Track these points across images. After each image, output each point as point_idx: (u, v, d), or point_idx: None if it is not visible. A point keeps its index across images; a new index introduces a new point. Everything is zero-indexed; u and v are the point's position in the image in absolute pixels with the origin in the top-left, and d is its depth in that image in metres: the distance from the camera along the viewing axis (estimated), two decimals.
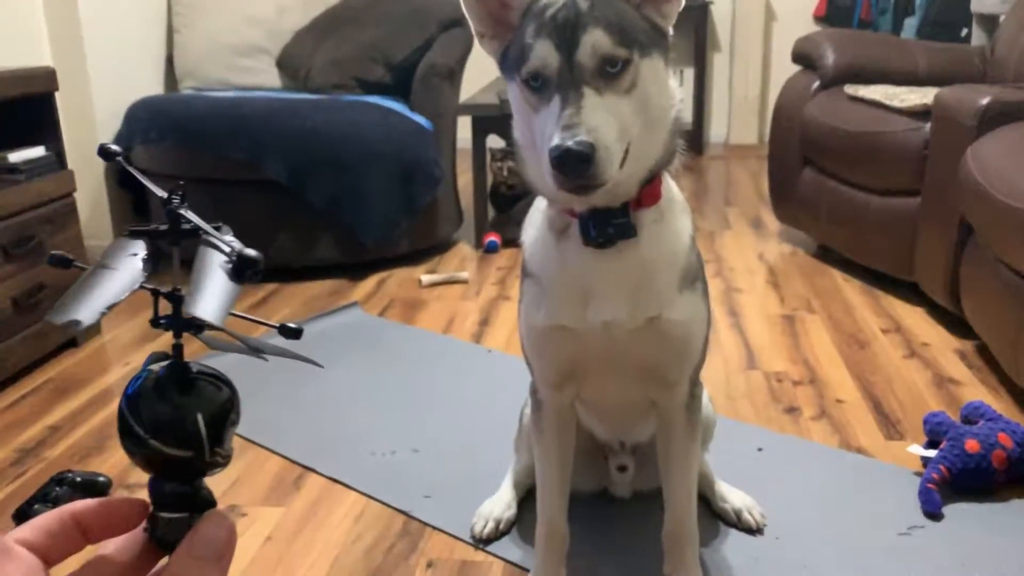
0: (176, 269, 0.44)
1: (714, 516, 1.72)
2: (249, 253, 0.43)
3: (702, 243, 3.47)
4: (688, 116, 5.64)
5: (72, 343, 2.64)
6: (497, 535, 1.68)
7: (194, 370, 0.45)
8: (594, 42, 1.05)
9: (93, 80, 3.34)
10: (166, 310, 0.45)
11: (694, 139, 5.68)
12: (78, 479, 1.74)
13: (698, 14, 5.54)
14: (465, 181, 3.89)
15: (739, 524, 1.68)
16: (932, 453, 1.80)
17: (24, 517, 1.64)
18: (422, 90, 3.50)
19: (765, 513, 1.70)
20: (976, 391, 2.23)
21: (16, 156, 2.48)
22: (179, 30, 3.90)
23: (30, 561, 0.41)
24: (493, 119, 3.40)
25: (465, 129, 3.61)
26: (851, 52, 3.44)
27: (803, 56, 3.60)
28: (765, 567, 1.57)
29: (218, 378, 0.46)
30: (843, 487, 1.82)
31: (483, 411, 2.17)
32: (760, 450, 1.97)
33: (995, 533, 1.64)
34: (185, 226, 0.45)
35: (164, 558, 0.44)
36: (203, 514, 0.44)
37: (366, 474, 1.91)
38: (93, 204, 3.38)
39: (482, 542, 1.67)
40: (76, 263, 0.46)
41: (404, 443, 2.03)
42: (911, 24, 5.19)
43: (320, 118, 3.21)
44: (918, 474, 1.82)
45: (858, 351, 2.52)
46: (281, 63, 3.92)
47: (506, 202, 3.92)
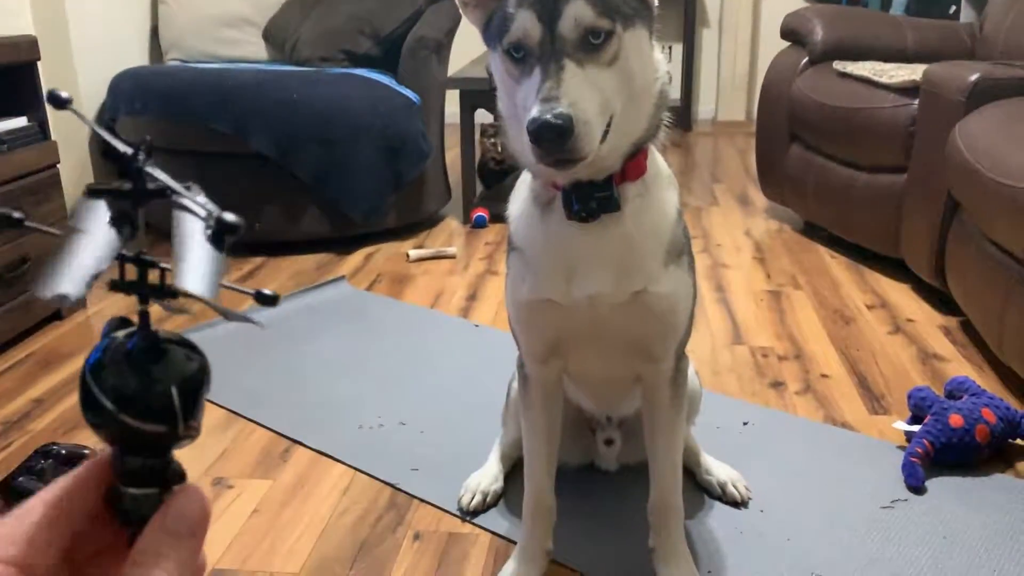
0: (140, 230, 0.40)
1: (699, 489, 1.73)
2: (228, 217, 0.38)
3: (689, 219, 3.48)
4: (676, 92, 5.62)
5: (57, 316, 2.63)
6: (484, 507, 1.68)
7: (162, 337, 0.41)
8: (576, 13, 1.03)
9: (76, 50, 3.30)
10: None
11: (682, 115, 5.66)
12: (63, 452, 1.74)
13: None
14: (453, 156, 3.87)
15: (724, 497, 1.70)
16: (916, 428, 1.82)
17: (8, 490, 1.64)
18: (410, 63, 3.47)
19: (750, 486, 1.71)
20: (960, 367, 2.25)
21: None
22: (164, 1, 3.85)
23: None
24: (482, 93, 3.37)
25: (453, 103, 3.58)
26: (840, 28, 3.43)
27: (792, 32, 3.59)
28: (749, 539, 1.59)
29: (189, 346, 0.42)
30: (827, 461, 1.83)
31: (470, 385, 2.17)
32: (745, 424, 1.98)
33: (977, 507, 1.66)
34: (151, 185, 0.40)
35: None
36: (173, 489, 0.41)
37: (353, 447, 1.91)
38: (78, 176, 3.34)
39: (469, 514, 1.67)
40: (27, 223, 0.41)
41: (391, 416, 2.03)
42: (900, 1, 5.18)
43: (307, 91, 3.18)
44: (902, 448, 1.83)
45: (843, 327, 2.53)
46: (267, 35, 3.88)
47: (494, 177, 3.90)
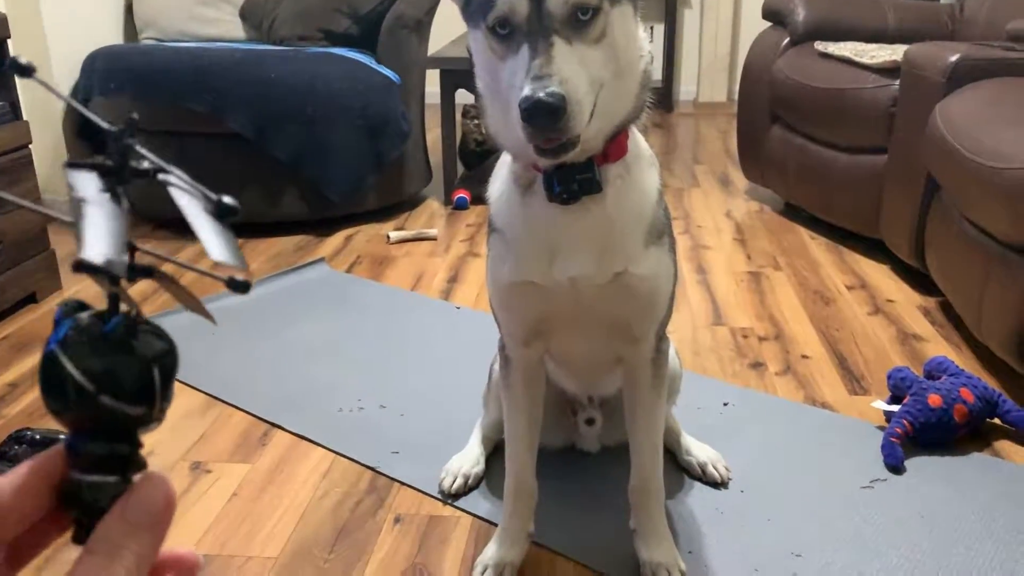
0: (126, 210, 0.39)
1: (680, 470, 1.73)
2: (227, 201, 0.38)
3: (670, 200, 3.47)
4: (657, 73, 5.60)
5: (32, 299, 2.59)
6: (465, 490, 1.68)
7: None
8: None
9: (48, 28, 3.24)
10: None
11: (663, 96, 5.64)
12: (36, 436, 1.72)
13: None
14: (434, 136, 3.84)
15: (704, 477, 1.70)
16: (895, 408, 1.83)
17: None
18: (389, 42, 3.43)
19: (730, 466, 1.72)
20: (939, 347, 2.26)
21: None
22: None
23: None
24: (462, 73, 3.34)
25: (434, 83, 3.55)
26: (821, 8, 3.42)
27: (773, 13, 3.58)
28: (730, 519, 1.59)
29: (157, 328, 0.41)
30: (807, 441, 1.84)
31: (451, 367, 2.16)
32: (726, 405, 1.98)
33: (955, 486, 1.67)
34: (141, 165, 0.39)
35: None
36: (132, 479, 0.40)
37: (333, 430, 1.90)
38: (51, 157, 3.29)
39: (450, 497, 1.67)
40: (36, 76, 0.40)
41: (371, 399, 2.02)
42: None
43: (285, 70, 3.14)
44: (881, 428, 1.84)
45: (823, 307, 2.54)
46: (244, 14, 3.82)
47: (475, 158, 3.88)
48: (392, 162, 3.34)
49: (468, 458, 1.72)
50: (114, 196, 0.39)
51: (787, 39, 3.43)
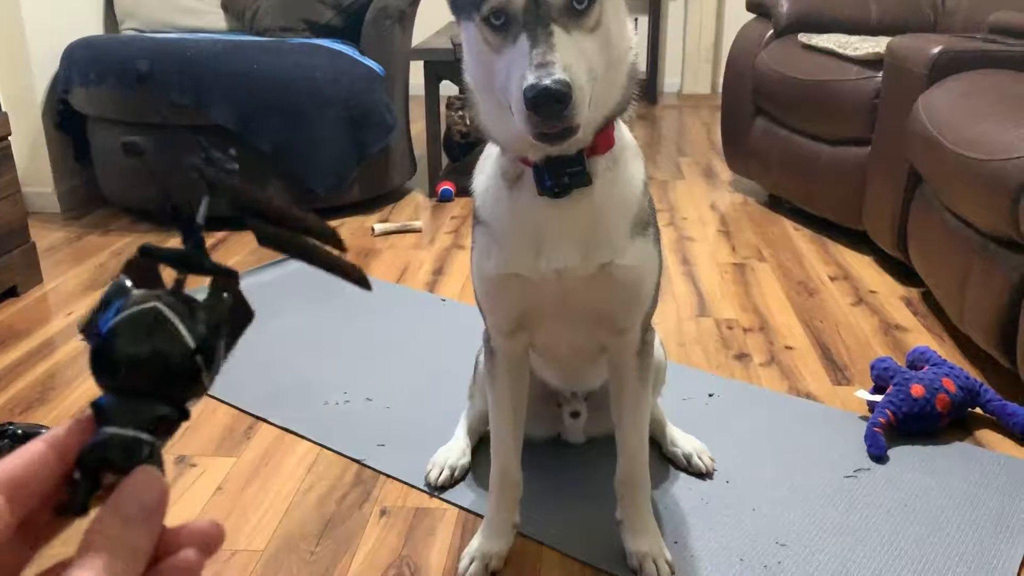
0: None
1: (665, 460, 1.74)
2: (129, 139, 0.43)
3: (655, 192, 3.48)
4: (642, 65, 5.58)
5: (12, 292, 2.57)
6: (451, 482, 1.68)
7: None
8: None
9: (27, 18, 3.20)
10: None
11: (648, 88, 5.65)
12: (19, 431, 1.70)
13: None
14: (418, 128, 3.83)
15: (689, 468, 1.71)
16: (878, 398, 1.84)
17: None
18: (372, 33, 3.41)
19: (715, 457, 1.73)
20: (921, 337, 2.28)
21: None
22: None
23: None
24: (446, 64, 3.33)
25: (418, 75, 3.54)
26: (805, 1, 3.43)
27: (757, 4, 3.59)
28: (715, 510, 1.60)
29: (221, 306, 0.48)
30: (791, 431, 1.85)
31: (437, 359, 2.16)
32: (711, 396, 1.99)
33: (937, 475, 1.69)
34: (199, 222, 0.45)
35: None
36: (161, 449, 0.40)
37: (319, 423, 1.89)
38: (31, 149, 3.26)
39: (436, 489, 1.67)
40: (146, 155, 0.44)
41: (357, 392, 2.02)
42: None
43: (267, 61, 3.12)
44: (864, 418, 1.86)
45: (807, 298, 2.55)
46: (227, 4, 3.79)
47: (460, 150, 3.87)
48: (376, 154, 3.33)
49: (454, 450, 1.72)
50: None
51: (771, 31, 3.44)
